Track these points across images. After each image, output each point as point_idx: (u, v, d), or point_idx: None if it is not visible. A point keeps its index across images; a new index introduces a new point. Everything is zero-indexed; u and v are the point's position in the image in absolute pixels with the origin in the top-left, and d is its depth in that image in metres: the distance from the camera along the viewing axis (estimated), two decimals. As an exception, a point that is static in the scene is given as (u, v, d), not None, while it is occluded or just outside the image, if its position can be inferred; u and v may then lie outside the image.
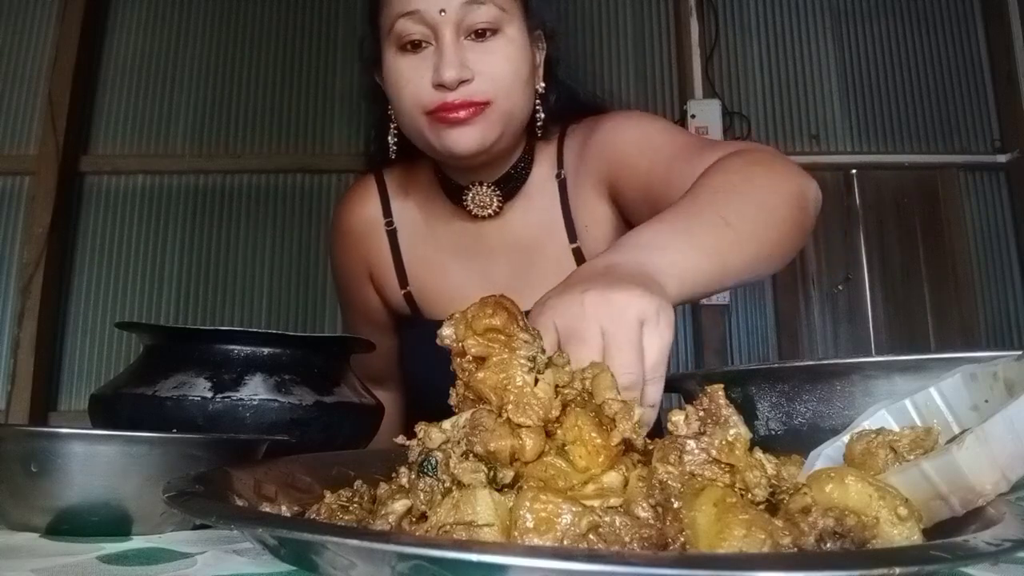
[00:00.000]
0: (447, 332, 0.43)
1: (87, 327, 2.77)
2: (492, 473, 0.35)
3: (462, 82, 0.78)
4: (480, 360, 0.41)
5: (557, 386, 0.40)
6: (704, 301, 2.69)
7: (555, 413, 0.39)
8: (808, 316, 2.79)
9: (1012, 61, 2.85)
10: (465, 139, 0.79)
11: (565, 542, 0.30)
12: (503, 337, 0.41)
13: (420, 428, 0.39)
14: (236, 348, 0.64)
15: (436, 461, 0.36)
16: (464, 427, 0.37)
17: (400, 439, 0.41)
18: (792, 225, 0.68)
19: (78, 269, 2.80)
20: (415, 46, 0.80)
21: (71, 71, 2.78)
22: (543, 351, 0.42)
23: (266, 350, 0.65)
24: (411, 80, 0.80)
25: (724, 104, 2.81)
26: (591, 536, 0.31)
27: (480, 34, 0.79)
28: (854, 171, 2.86)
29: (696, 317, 2.76)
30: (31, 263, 2.65)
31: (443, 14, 0.78)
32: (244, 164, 2.88)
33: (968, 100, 2.93)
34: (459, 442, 0.37)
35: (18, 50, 2.90)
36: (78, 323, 2.77)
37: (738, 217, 0.62)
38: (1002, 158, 2.86)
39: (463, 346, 0.41)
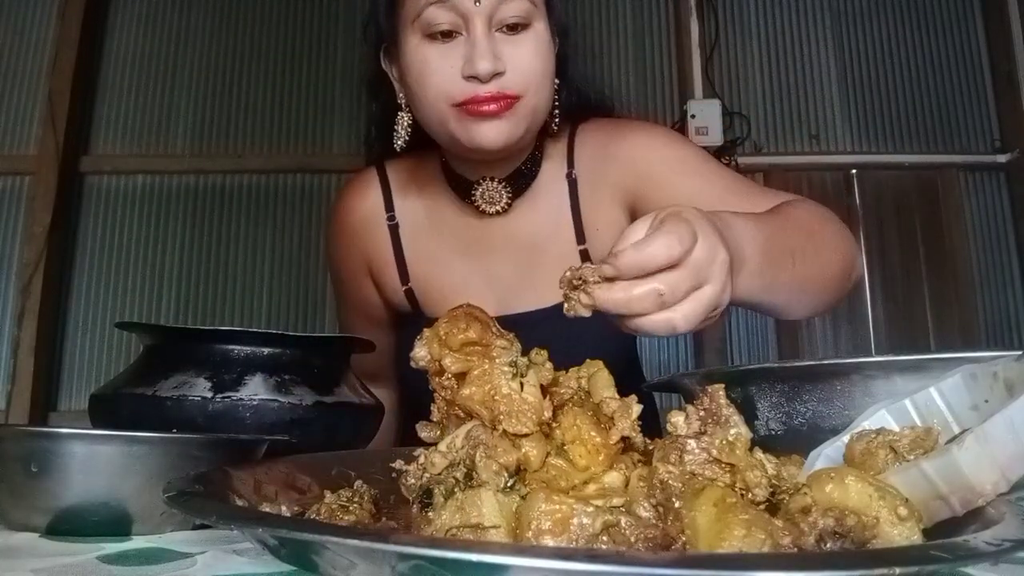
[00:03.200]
0: (421, 353, 0.42)
1: (87, 327, 2.77)
2: (509, 482, 0.35)
3: (495, 75, 0.76)
4: (460, 376, 0.40)
5: (543, 385, 0.40)
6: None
7: (547, 415, 0.38)
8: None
9: (1012, 61, 2.85)
10: (494, 133, 0.78)
11: (581, 542, 0.30)
12: (480, 348, 0.41)
13: (420, 453, 0.39)
14: (236, 348, 0.64)
15: (437, 494, 0.35)
16: (463, 447, 0.37)
17: (398, 464, 0.41)
18: (836, 291, 0.73)
19: (78, 269, 2.80)
20: (445, 35, 0.78)
21: (71, 71, 2.78)
22: (521, 353, 0.41)
23: (266, 350, 0.65)
24: (439, 70, 0.78)
25: (724, 104, 2.80)
26: (604, 536, 0.31)
27: (512, 27, 0.78)
28: (854, 171, 2.86)
29: (696, 317, 2.75)
30: (31, 263, 2.65)
31: (478, 4, 0.76)
32: (244, 164, 2.88)
33: (968, 100, 2.93)
34: (460, 464, 0.36)
35: (18, 50, 2.90)
36: (78, 323, 2.77)
37: (803, 260, 0.65)
38: (1002, 158, 2.86)
39: (441, 364, 0.41)
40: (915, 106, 2.93)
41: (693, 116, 2.74)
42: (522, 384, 0.39)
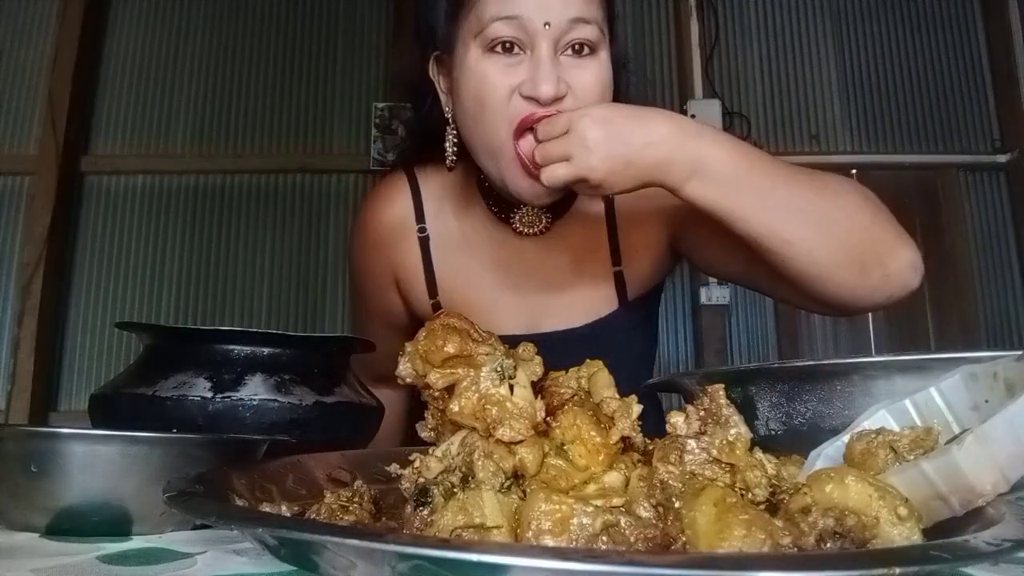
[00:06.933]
0: (406, 370, 0.42)
1: (87, 327, 2.77)
2: (507, 483, 0.35)
3: (556, 99, 0.72)
4: (449, 388, 0.40)
5: (533, 382, 0.40)
6: (704, 301, 2.69)
7: (541, 415, 0.38)
8: (808, 316, 2.79)
9: (1012, 61, 2.85)
10: (539, 192, 0.74)
11: (581, 542, 0.30)
12: (463, 358, 0.40)
13: (416, 457, 0.38)
14: (236, 348, 0.64)
15: (435, 494, 0.35)
16: (459, 454, 0.37)
17: (394, 467, 0.41)
18: (848, 260, 0.69)
19: (78, 269, 2.80)
20: (507, 50, 0.74)
21: (71, 71, 2.79)
22: (507, 355, 0.41)
23: (266, 350, 0.65)
24: (499, 87, 0.74)
25: (724, 104, 2.81)
26: (604, 536, 0.31)
27: (578, 50, 0.75)
28: (854, 171, 2.86)
29: (696, 317, 2.76)
30: (31, 263, 2.65)
31: (547, 27, 0.72)
32: (244, 164, 2.88)
33: (968, 100, 2.93)
34: (455, 470, 0.36)
35: (18, 50, 2.90)
36: (78, 323, 2.78)
37: (793, 195, 0.68)
38: (1002, 158, 2.86)
39: (427, 381, 0.41)
40: (915, 106, 2.93)
41: (693, 116, 2.74)
42: (512, 387, 0.38)
